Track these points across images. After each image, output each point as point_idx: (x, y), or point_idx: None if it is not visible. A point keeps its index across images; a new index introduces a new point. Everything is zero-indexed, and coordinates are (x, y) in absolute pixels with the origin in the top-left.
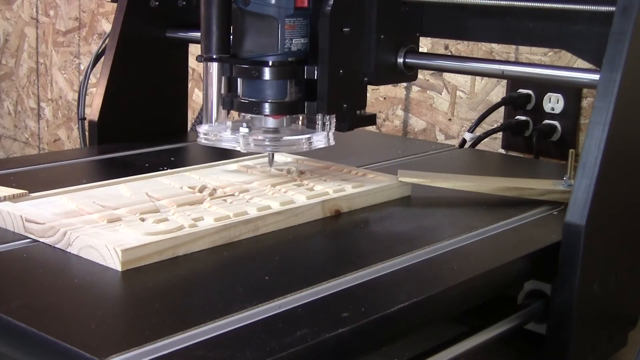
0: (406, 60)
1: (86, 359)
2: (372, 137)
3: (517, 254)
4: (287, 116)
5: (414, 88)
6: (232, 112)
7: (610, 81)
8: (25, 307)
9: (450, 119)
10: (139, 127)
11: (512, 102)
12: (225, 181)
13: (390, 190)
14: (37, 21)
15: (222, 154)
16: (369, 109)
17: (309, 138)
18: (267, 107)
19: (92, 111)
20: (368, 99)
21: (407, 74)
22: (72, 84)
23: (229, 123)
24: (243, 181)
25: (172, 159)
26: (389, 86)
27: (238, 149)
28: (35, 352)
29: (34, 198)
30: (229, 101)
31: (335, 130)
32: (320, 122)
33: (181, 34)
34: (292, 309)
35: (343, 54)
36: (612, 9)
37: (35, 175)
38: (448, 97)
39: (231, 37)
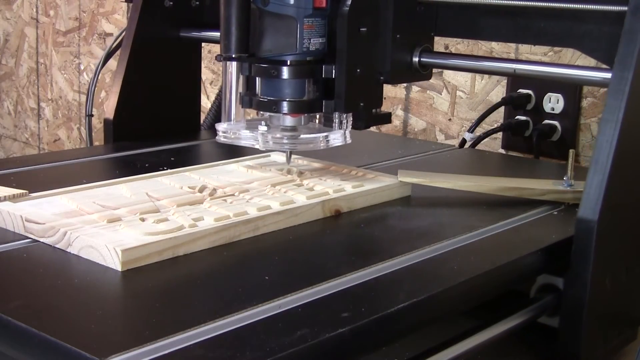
0: (421, 59)
1: (86, 359)
2: (372, 137)
3: (517, 254)
4: (305, 115)
5: (414, 88)
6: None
7: (622, 79)
8: (25, 307)
9: (450, 119)
10: (152, 126)
11: (512, 102)
12: (225, 181)
13: (390, 190)
14: (37, 21)
15: (223, 154)
16: None
17: (326, 136)
18: (285, 106)
19: (108, 110)
20: None
21: (422, 73)
22: (72, 84)
23: (248, 122)
24: (243, 181)
25: (172, 159)
26: (389, 86)
27: (257, 146)
28: (35, 352)
29: (34, 198)
30: (247, 100)
31: (352, 128)
32: (337, 120)
33: (195, 34)
34: (292, 309)
35: (360, 54)
36: (623, 8)
37: (35, 175)
38: (448, 97)
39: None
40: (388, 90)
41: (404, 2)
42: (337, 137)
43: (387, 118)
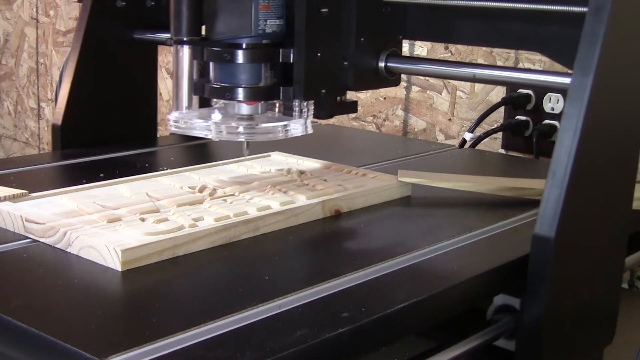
0: (388, 64)
1: (86, 359)
2: (372, 137)
3: (518, 254)
4: (263, 102)
5: (414, 88)
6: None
7: (581, 85)
8: (25, 307)
9: (450, 119)
10: (105, 132)
11: (512, 102)
12: (225, 181)
13: (390, 190)
14: (37, 21)
15: (222, 155)
16: (368, 109)
17: (286, 126)
18: (240, 93)
19: (55, 115)
20: (368, 98)
21: (389, 79)
22: None
23: (203, 110)
24: (243, 181)
25: (172, 159)
26: None
27: (210, 137)
28: (35, 352)
29: (34, 198)
30: (200, 86)
31: (314, 117)
32: (297, 108)
33: (149, 35)
34: (292, 309)
35: (321, 36)
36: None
37: (35, 175)
38: (448, 97)
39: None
40: (388, 90)
41: (368, 2)
42: (297, 127)
43: (353, 107)
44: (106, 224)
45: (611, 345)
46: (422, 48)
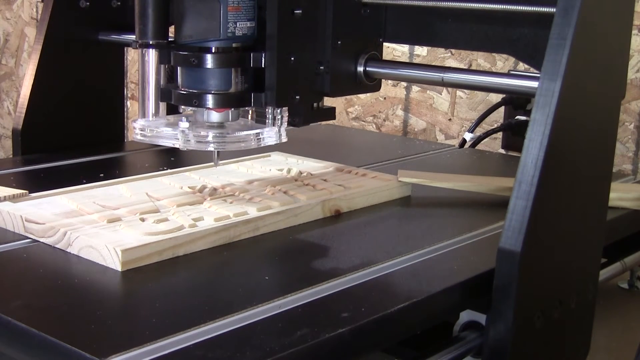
0: (367, 69)
1: (86, 359)
2: (372, 137)
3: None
4: (234, 110)
5: (414, 88)
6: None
7: (549, 91)
8: (25, 307)
9: (450, 119)
10: (70, 136)
11: (512, 102)
12: (225, 181)
13: (390, 190)
14: (37, 21)
15: (222, 155)
16: (368, 109)
17: (258, 134)
18: (208, 99)
19: (15, 119)
20: (368, 98)
21: (368, 84)
22: None
23: (170, 117)
24: (243, 181)
25: (172, 159)
26: (389, 86)
27: (177, 146)
28: (35, 352)
29: (34, 198)
30: (167, 93)
31: (288, 125)
32: (270, 115)
33: (114, 37)
34: (292, 309)
35: (294, 39)
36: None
37: (36, 175)
38: (448, 97)
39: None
40: (388, 90)
41: (346, 3)
42: (270, 135)
43: (330, 113)
44: (106, 224)
45: (611, 345)
46: (421, 48)
